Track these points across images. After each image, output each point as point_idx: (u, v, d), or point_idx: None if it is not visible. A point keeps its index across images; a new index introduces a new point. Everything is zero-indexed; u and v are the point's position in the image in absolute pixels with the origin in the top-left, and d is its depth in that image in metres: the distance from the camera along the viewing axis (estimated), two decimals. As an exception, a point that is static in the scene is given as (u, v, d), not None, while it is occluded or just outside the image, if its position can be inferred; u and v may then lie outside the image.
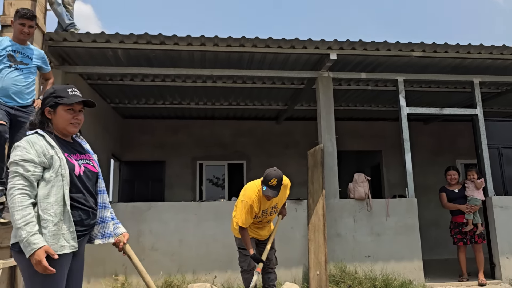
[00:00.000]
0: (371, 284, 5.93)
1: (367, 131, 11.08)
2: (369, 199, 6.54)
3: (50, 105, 2.35)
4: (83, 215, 2.33)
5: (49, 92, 2.39)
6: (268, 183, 4.18)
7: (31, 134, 2.31)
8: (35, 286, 2.13)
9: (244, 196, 4.33)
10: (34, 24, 4.23)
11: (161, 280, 5.86)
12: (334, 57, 6.37)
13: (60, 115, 2.34)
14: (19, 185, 2.13)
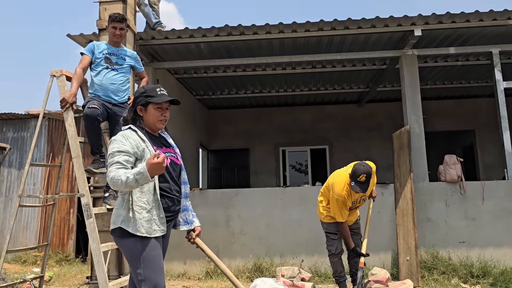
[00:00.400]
0: (467, 271, 5.62)
1: (458, 110, 10.36)
2: (462, 182, 6.15)
3: (141, 104, 2.54)
4: (169, 202, 2.51)
5: (140, 92, 2.58)
6: (356, 179, 4.15)
7: (125, 129, 2.53)
8: (139, 264, 2.35)
9: (334, 193, 4.32)
10: (124, 26, 4.58)
11: (250, 263, 6.12)
12: (419, 33, 6.02)
13: (150, 112, 2.53)
14: (116, 167, 2.34)
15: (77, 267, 7.60)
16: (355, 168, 4.18)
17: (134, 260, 2.37)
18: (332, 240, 4.55)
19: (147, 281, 2.33)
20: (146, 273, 2.34)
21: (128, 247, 2.38)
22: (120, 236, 2.40)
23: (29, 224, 8.91)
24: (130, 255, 2.39)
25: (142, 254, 2.35)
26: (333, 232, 4.54)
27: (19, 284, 4.70)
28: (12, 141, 9.37)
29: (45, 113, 4.63)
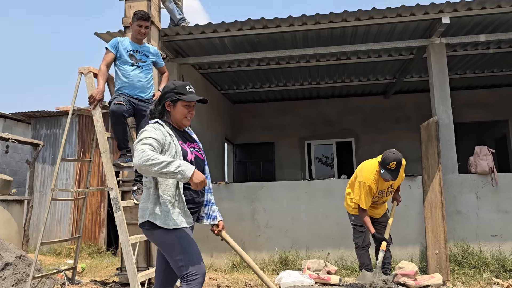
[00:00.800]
0: (499, 266, 5.46)
1: (490, 100, 10.01)
2: (493, 174, 5.96)
3: (171, 100, 2.58)
4: (193, 194, 2.56)
5: (170, 88, 2.61)
6: (386, 166, 4.08)
7: (152, 122, 2.57)
8: (177, 251, 2.39)
9: (361, 177, 4.29)
10: (149, 25, 4.65)
11: (276, 255, 6.15)
12: (447, 21, 5.84)
13: (178, 109, 2.58)
14: (148, 150, 2.34)
15: (108, 259, 7.83)
16: (385, 155, 4.14)
17: (169, 249, 2.42)
18: (360, 233, 4.53)
19: (190, 266, 2.37)
20: (186, 258, 2.38)
21: (161, 238, 2.44)
22: (149, 229, 2.45)
23: (63, 217, 9.23)
24: (163, 245, 2.44)
25: (176, 241, 2.40)
26: (360, 224, 4.51)
27: (53, 274, 4.88)
28: (45, 138, 9.71)
29: (74, 110, 4.78)
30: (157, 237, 2.45)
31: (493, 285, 4.92)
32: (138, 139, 2.46)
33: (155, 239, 2.48)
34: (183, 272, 2.37)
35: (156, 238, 2.46)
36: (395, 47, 6.65)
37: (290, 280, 5.03)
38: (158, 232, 2.44)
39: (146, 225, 2.47)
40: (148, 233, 2.49)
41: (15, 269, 4.67)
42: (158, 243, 2.49)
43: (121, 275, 4.84)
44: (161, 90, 4.77)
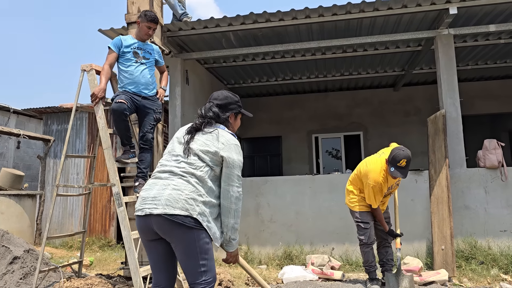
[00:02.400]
0: (508, 262, 5.35)
1: (503, 91, 9.76)
2: (503, 168, 5.83)
3: (235, 112, 2.64)
4: None
5: (235, 100, 2.67)
6: (397, 165, 4.04)
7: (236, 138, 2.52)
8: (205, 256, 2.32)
9: (370, 179, 4.23)
10: (156, 27, 4.66)
11: (280, 250, 6.14)
12: (455, 11, 5.70)
13: (237, 122, 2.68)
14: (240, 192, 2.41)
15: (117, 252, 7.94)
16: (395, 153, 4.07)
17: (200, 252, 2.29)
18: (364, 230, 4.45)
19: (210, 272, 2.34)
20: (210, 264, 2.34)
21: (198, 238, 2.28)
22: (190, 226, 2.26)
23: (74, 211, 9.38)
24: (197, 245, 2.28)
25: (209, 246, 2.35)
26: (364, 221, 4.45)
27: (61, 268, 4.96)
28: (56, 133, 9.85)
29: (77, 107, 4.81)
30: (197, 236, 2.28)
31: (501, 281, 4.83)
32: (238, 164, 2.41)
33: (190, 237, 2.28)
34: (202, 278, 2.30)
35: (193, 237, 2.28)
36: (402, 38, 6.51)
37: (293, 275, 5.03)
38: (201, 233, 2.30)
39: (187, 220, 2.25)
40: (184, 230, 2.27)
41: (23, 263, 4.76)
42: (190, 242, 2.29)
43: (125, 269, 4.90)
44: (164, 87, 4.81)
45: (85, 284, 4.40)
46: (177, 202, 2.27)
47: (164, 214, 2.26)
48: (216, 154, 2.38)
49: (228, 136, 2.46)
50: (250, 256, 6.20)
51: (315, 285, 4.66)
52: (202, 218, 2.29)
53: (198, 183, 2.34)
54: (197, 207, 2.28)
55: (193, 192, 2.31)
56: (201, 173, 2.36)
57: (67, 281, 4.42)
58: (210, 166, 2.38)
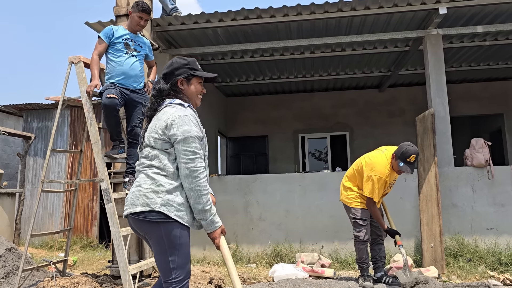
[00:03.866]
0: (495, 259, 5.43)
1: (485, 93, 9.99)
2: (490, 166, 5.93)
3: (185, 76, 2.32)
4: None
5: (181, 63, 2.34)
6: (406, 160, 4.11)
7: (187, 106, 2.28)
8: (174, 251, 2.19)
9: (376, 171, 4.22)
10: (149, 18, 4.54)
11: (269, 248, 6.09)
12: (444, 11, 5.77)
13: (193, 86, 2.34)
14: (201, 168, 2.17)
15: (100, 252, 7.74)
16: (404, 149, 4.13)
17: (169, 247, 2.17)
18: (361, 226, 4.41)
19: (180, 269, 2.19)
20: (180, 261, 2.19)
21: (166, 233, 2.16)
22: (155, 220, 2.15)
23: (55, 210, 9.12)
24: (165, 240, 2.17)
25: (179, 240, 2.19)
26: (362, 218, 4.41)
27: (44, 267, 4.79)
28: (37, 130, 9.57)
29: (64, 100, 4.67)
30: (164, 231, 2.16)
31: (489, 278, 4.89)
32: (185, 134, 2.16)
33: (158, 232, 2.18)
34: (172, 276, 2.18)
35: (161, 231, 2.17)
36: (391, 38, 6.56)
37: (283, 273, 4.97)
38: (167, 226, 2.17)
39: (150, 215, 2.16)
40: (150, 225, 2.18)
41: (5, 262, 4.59)
42: (159, 237, 2.18)
43: (112, 268, 4.77)
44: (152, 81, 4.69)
45: (71, 283, 4.25)
46: (137, 199, 2.20)
47: (130, 214, 2.22)
48: (163, 136, 2.21)
49: (170, 111, 2.23)
50: (239, 254, 6.12)
51: (307, 283, 4.61)
52: (168, 208, 2.16)
53: (159, 173, 2.20)
54: (158, 199, 2.16)
55: (152, 184, 2.19)
56: (157, 162, 2.22)
57: (51, 280, 4.26)
58: (164, 150, 2.22)
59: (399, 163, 4.15)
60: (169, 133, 2.18)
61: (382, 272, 4.56)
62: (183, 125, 2.17)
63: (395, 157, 4.21)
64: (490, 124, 10.75)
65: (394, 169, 4.27)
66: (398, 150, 4.20)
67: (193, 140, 2.17)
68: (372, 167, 4.27)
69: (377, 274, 4.56)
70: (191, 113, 2.25)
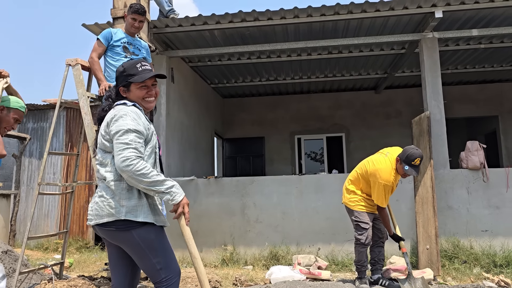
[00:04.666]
0: (489, 261, 5.47)
1: (480, 95, 10.06)
2: (485, 169, 5.97)
3: (123, 85, 2.30)
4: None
5: (119, 71, 2.32)
6: (411, 163, 4.14)
7: (131, 105, 2.26)
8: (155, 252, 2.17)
9: (382, 179, 4.22)
10: (144, 19, 4.53)
11: (266, 250, 6.10)
12: (440, 15, 5.81)
13: (134, 93, 2.29)
14: (133, 156, 2.09)
15: (96, 254, 7.72)
16: (409, 152, 4.17)
17: (148, 250, 2.15)
18: (363, 230, 4.40)
19: (167, 269, 2.18)
20: (165, 261, 2.18)
21: (140, 238, 2.14)
22: (125, 228, 2.13)
23: (50, 212, 9.08)
24: (142, 245, 2.15)
25: (156, 241, 2.17)
26: (364, 221, 4.40)
27: (41, 270, 4.77)
28: (32, 131, 9.52)
29: (61, 102, 4.65)
30: (137, 236, 2.13)
31: (484, 280, 4.92)
32: (121, 127, 2.13)
33: (131, 239, 2.14)
34: (161, 277, 2.16)
35: (133, 238, 2.14)
36: (387, 41, 6.60)
37: (280, 275, 4.99)
38: (137, 231, 2.14)
39: (118, 224, 2.13)
40: (121, 234, 2.15)
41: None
42: (134, 244, 2.15)
43: (109, 270, 4.76)
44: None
45: (69, 286, 4.24)
46: (102, 209, 2.16)
47: (96, 224, 2.20)
48: (106, 136, 2.19)
49: (112, 111, 2.23)
50: (236, 256, 6.13)
51: (304, 285, 4.63)
52: (134, 214, 2.14)
53: (115, 180, 2.17)
54: (122, 208, 2.13)
55: (113, 194, 2.16)
56: (111, 167, 2.18)
57: (48, 283, 4.25)
58: (112, 151, 2.18)
59: (404, 166, 4.18)
60: (109, 130, 2.18)
61: (379, 275, 4.59)
62: (118, 119, 2.16)
63: (400, 161, 4.23)
64: (486, 126, 10.82)
65: (399, 173, 4.29)
66: (403, 154, 4.22)
67: (126, 133, 2.12)
68: (377, 173, 4.26)
69: (374, 276, 4.59)
70: (131, 109, 2.22)
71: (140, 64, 2.31)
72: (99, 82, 4.24)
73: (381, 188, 4.24)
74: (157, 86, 2.38)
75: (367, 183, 4.40)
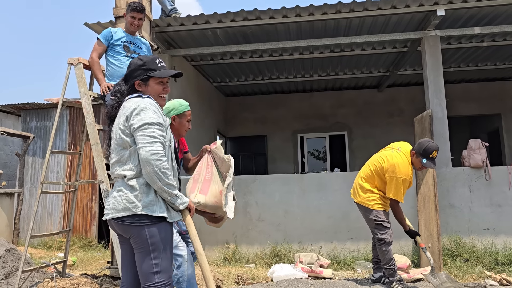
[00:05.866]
0: (491, 259, 5.47)
1: (483, 93, 10.03)
2: (487, 167, 5.96)
3: (141, 78, 2.28)
4: (178, 184, 2.40)
5: (137, 64, 2.29)
6: (429, 156, 4.09)
7: (145, 97, 2.24)
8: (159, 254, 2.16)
9: (401, 173, 4.13)
10: (143, 17, 4.55)
11: (268, 249, 6.11)
12: (442, 13, 5.79)
13: (152, 88, 2.28)
14: (162, 151, 2.13)
15: (99, 252, 7.76)
16: (426, 145, 4.11)
17: (152, 249, 2.14)
18: (386, 228, 4.29)
19: (164, 273, 2.15)
20: (164, 264, 2.16)
21: (151, 236, 2.13)
22: (139, 224, 2.13)
23: (54, 210, 9.12)
24: (150, 244, 2.14)
25: (164, 243, 2.17)
26: (385, 220, 4.30)
27: (43, 268, 4.81)
28: (36, 130, 9.57)
29: (64, 101, 4.68)
30: (148, 233, 2.14)
31: (486, 278, 4.92)
32: (143, 123, 2.12)
33: (143, 235, 2.14)
34: (155, 280, 2.13)
35: (145, 234, 2.14)
36: (389, 39, 6.60)
37: (282, 274, 5.00)
38: (152, 228, 2.14)
39: (134, 219, 2.13)
40: (135, 229, 2.15)
41: (4, 263, 4.59)
42: (144, 241, 2.15)
43: (112, 269, 4.79)
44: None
45: (71, 284, 4.27)
46: (119, 203, 2.17)
47: (112, 219, 2.21)
48: (125, 130, 2.19)
49: (128, 104, 2.22)
50: (238, 255, 6.15)
51: (306, 283, 4.64)
52: (151, 209, 2.14)
53: (134, 176, 2.18)
54: (139, 202, 2.14)
55: (129, 190, 2.17)
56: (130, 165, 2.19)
57: (51, 281, 4.28)
58: (132, 146, 2.19)
59: (422, 160, 4.11)
60: (129, 124, 2.17)
61: (381, 273, 4.57)
62: (139, 113, 2.15)
63: (416, 154, 4.16)
64: (488, 124, 10.79)
65: (416, 166, 4.22)
66: (419, 147, 4.14)
67: (151, 126, 2.13)
68: (396, 168, 4.15)
69: (375, 275, 4.57)
70: (149, 102, 2.22)
71: (159, 60, 2.32)
72: (99, 82, 4.26)
73: (399, 183, 4.13)
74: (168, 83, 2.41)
75: (382, 180, 4.28)
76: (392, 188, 4.18)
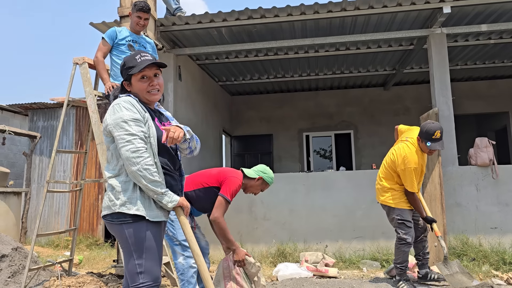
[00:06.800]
0: (499, 258, 5.41)
1: (490, 91, 9.94)
2: (494, 166, 5.91)
3: (125, 79, 2.27)
4: (171, 180, 2.27)
5: (121, 65, 2.30)
6: (432, 138, 3.99)
7: (124, 95, 2.23)
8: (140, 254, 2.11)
9: (409, 163, 4.08)
10: (149, 17, 4.55)
11: (273, 248, 6.11)
12: (448, 10, 5.75)
13: (135, 86, 2.24)
14: (142, 148, 2.08)
15: (106, 251, 7.80)
16: (427, 127, 4.04)
17: (134, 249, 2.09)
18: (408, 228, 4.22)
19: (147, 274, 2.09)
20: (147, 265, 2.09)
21: (130, 235, 2.09)
22: (118, 222, 2.11)
23: (61, 209, 9.18)
24: (129, 242, 2.10)
25: (146, 242, 2.10)
26: (408, 219, 4.24)
27: (50, 266, 4.84)
28: (43, 130, 9.64)
29: (69, 101, 4.71)
30: (127, 232, 2.10)
31: (493, 277, 4.88)
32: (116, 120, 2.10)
33: (122, 233, 2.12)
34: (139, 281, 2.07)
35: (124, 233, 2.11)
36: (395, 37, 6.54)
37: (287, 273, 5.00)
38: (131, 226, 2.10)
39: (114, 217, 2.12)
40: (115, 227, 2.14)
41: (11, 261, 4.63)
42: (124, 239, 2.12)
43: (117, 267, 4.81)
44: None
45: (77, 282, 4.29)
46: (105, 201, 2.18)
47: (102, 217, 2.21)
48: (104, 133, 2.18)
49: (111, 105, 2.22)
50: (243, 253, 6.14)
51: (311, 282, 4.63)
52: (127, 206, 2.10)
53: (114, 176, 2.17)
54: (117, 200, 2.11)
55: (110, 189, 2.16)
56: (113, 165, 2.18)
57: (57, 280, 4.30)
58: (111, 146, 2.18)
59: (427, 143, 4.03)
60: (105, 125, 2.17)
61: (427, 269, 4.49)
62: (113, 113, 2.14)
63: (421, 139, 4.09)
64: (496, 122, 10.70)
65: (424, 151, 4.13)
66: (421, 131, 4.08)
67: (125, 123, 2.09)
68: (404, 160, 4.11)
69: (421, 271, 4.48)
70: (123, 99, 2.19)
71: (140, 55, 2.25)
72: (104, 82, 4.27)
73: (411, 173, 4.08)
74: (160, 76, 2.30)
75: (398, 175, 4.23)
76: (407, 180, 4.13)
